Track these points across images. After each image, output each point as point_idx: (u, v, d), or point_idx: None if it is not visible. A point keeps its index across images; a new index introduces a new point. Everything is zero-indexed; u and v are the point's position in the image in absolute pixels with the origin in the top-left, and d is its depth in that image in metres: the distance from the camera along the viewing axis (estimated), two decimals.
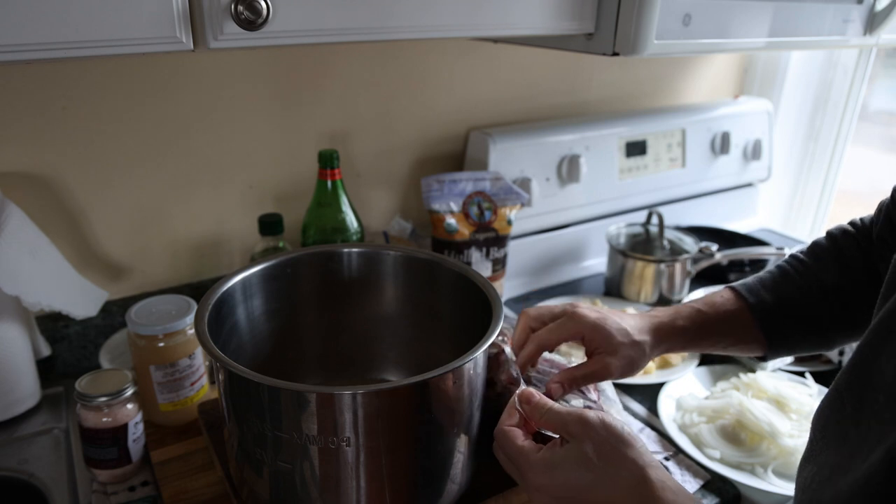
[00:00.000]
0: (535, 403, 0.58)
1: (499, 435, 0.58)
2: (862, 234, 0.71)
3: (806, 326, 0.70)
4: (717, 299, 0.71)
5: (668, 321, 0.69)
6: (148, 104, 0.89)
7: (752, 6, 0.82)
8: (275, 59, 0.96)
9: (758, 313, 0.69)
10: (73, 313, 0.82)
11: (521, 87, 1.20)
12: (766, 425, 0.79)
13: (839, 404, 0.48)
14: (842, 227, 0.73)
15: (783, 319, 0.69)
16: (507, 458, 0.58)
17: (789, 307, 0.69)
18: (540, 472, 0.53)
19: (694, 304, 0.71)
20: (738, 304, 0.70)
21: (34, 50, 0.49)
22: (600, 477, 0.51)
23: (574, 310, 0.67)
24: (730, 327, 0.69)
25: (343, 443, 0.53)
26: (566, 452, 0.52)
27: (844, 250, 0.70)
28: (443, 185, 1.02)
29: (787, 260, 0.73)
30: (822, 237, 0.74)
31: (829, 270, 0.70)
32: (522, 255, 1.20)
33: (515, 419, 0.59)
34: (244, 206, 1.01)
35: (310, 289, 0.75)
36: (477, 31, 0.69)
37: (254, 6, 0.53)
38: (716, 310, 0.69)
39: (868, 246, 0.69)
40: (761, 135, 1.45)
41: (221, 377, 0.58)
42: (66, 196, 0.88)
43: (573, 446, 0.52)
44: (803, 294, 0.69)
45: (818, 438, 0.50)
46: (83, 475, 0.74)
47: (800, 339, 0.70)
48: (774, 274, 0.72)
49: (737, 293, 0.71)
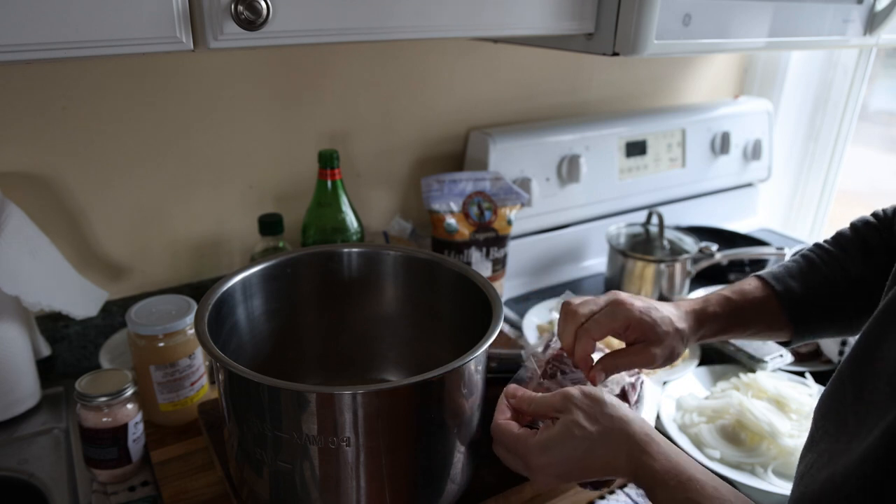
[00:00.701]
0: (521, 396, 0.62)
1: (495, 430, 0.61)
2: (884, 224, 0.72)
3: (832, 314, 0.70)
4: (745, 287, 0.71)
5: (701, 308, 0.69)
6: (148, 104, 0.89)
7: (752, 6, 0.82)
8: (275, 59, 0.96)
9: (785, 301, 0.69)
10: (73, 313, 0.82)
11: (521, 87, 1.20)
12: (766, 425, 0.79)
13: (840, 393, 0.48)
14: (864, 219, 0.74)
15: (810, 308, 0.70)
16: (506, 450, 0.60)
17: (815, 296, 0.70)
18: (539, 454, 0.57)
19: (723, 293, 0.71)
20: (765, 291, 0.70)
21: (34, 50, 0.49)
22: (593, 442, 0.55)
23: (618, 297, 0.67)
24: (758, 314, 0.70)
25: (343, 443, 0.53)
26: (559, 429, 0.57)
27: (868, 241, 0.71)
28: (443, 185, 1.02)
29: (811, 249, 0.74)
30: (847, 228, 0.75)
31: (854, 260, 0.70)
32: (522, 255, 1.20)
33: (507, 414, 0.62)
34: (244, 206, 1.01)
35: (310, 289, 0.75)
36: (477, 31, 0.69)
37: (254, 6, 0.53)
38: (744, 297, 0.70)
39: (890, 236, 0.70)
40: (761, 135, 1.45)
41: (221, 377, 0.58)
42: (66, 196, 0.88)
43: (562, 421, 0.57)
44: (829, 283, 0.70)
45: (818, 428, 0.50)
46: (83, 475, 0.74)
47: (826, 325, 0.71)
48: (801, 263, 0.73)
49: (764, 281, 0.71)
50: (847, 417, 0.46)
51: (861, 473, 0.40)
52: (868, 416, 0.43)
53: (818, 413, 0.51)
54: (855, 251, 0.71)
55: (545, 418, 0.59)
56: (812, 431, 0.51)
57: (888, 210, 0.73)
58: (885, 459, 0.39)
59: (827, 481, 0.43)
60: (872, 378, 0.45)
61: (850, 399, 0.46)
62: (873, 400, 0.44)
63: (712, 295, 0.71)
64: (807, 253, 0.74)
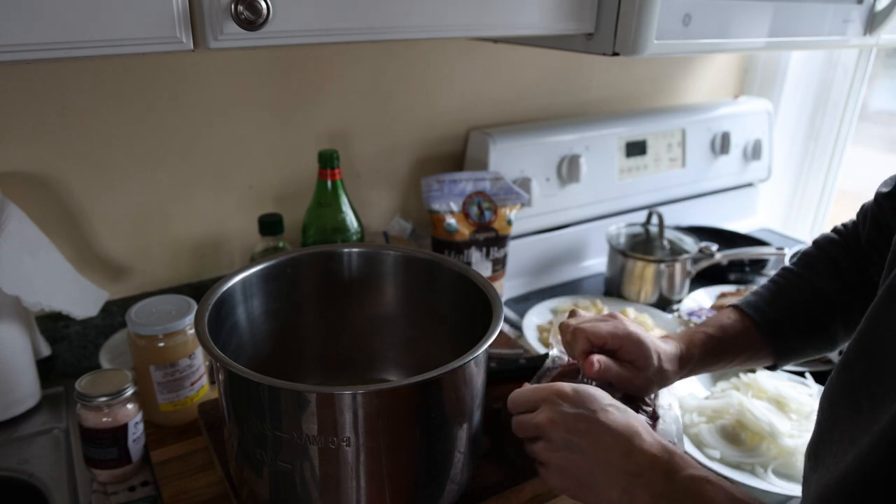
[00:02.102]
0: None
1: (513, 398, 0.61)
2: (847, 239, 0.73)
3: (810, 335, 0.71)
4: (724, 321, 0.72)
5: (686, 351, 0.70)
6: (148, 104, 0.89)
7: (752, 6, 0.82)
8: (275, 59, 0.96)
9: (764, 329, 0.70)
10: (73, 313, 0.82)
11: (521, 87, 1.20)
12: (766, 425, 0.79)
13: (849, 375, 0.48)
14: (826, 236, 0.75)
15: (789, 331, 0.71)
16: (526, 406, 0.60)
17: (793, 320, 0.71)
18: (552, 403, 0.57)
19: (705, 330, 0.72)
20: (744, 322, 0.71)
21: (34, 50, 0.49)
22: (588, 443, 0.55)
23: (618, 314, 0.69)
24: (740, 346, 0.71)
25: (343, 443, 0.53)
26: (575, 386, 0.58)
27: (836, 259, 0.72)
28: (443, 185, 1.02)
29: (781, 274, 0.75)
30: (810, 247, 0.76)
31: (824, 278, 0.72)
32: (522, 255, 1.20)
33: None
34: (244, 206, 1.01)
35: (310, 289, 0.75)
36: (477, 31, 0.69)
37: (254, 6, 0.53)
38: (725, 332, 0.71)
39: (856, 250, 0.71)
40: (761, 135, 1.45)
41: (221, 377, 0.58)
42: (66, 196, 0.88)
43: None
44: (803, 305, 0.71)
45: (827, 416, 0.50)
46: (83, 475, 0.74)
47: (806, 346, 0.72)
48: (772, 289, 0.74)
49: (741, 312, 0.72)
50: (860, 400, 0.46)
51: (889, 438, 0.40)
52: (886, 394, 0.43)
53: (826, 402, 0.51)
54: (824, 270, 0.72)
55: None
56: (820, 423, 0.51)
57: (848, 225, 0.74)
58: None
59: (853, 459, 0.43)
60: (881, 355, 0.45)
61: (861, 378, 0.47)
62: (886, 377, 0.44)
63: (695, 334, 0.71)
64: (777, 279, 0.75)
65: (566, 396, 0.57)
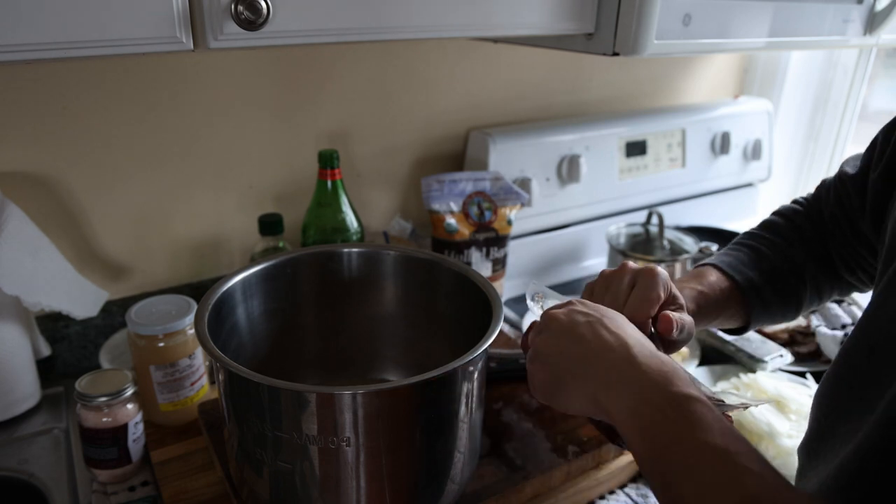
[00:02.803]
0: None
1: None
2: (810, 211, 0.73)
3: (783, 301, 0.71)
4: (710, 278, 0.70)
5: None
6: (148, 104, 0.89)
7: (752, 6, 0.82)
8: (275, 59, 0.96)
9: (748, 292, 0.69)
10: (73, 313, 0.82)
11: (520, 87, 1.20)
12: (765, 426, 0.79)
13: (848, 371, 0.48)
14: (790, 207, 0.75)
15: (768, 296, 0.70)
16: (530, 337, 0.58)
17: (771, 284, 0.70)
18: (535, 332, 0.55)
19: (692, 285, 0.69)
20: (727, 283, 0.70)
21: (34, 50, 0.49)
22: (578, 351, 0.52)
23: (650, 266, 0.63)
24: (721, 307, 0.69)
25: (343, 443, 0.53)
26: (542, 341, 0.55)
27: (800, 227, 0.72)
28: (443, 185, 1.02)
29: (752, 238, 0.74)
30: (773, 217, 0.76)
31: (795, 247, 0.71)
32: (522, 255, 1.20)
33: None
34: (244, 206, 1.01)
35: (310, 289, 0.75)
36: (477, 31, 0.69)
37: (254, 6, 0.53)
38: (712, 289, 0.69)
39: (819, 223, 0.71)
40: (761, 135, 1.45)
41: (221, 377, 0.58)
42: (66, 196, 0.88)
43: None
44: (778, 271, 0.70)
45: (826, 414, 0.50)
46: (83, 475, 0.75)
47: (777, 312, 0.71)
48: (748, 253, 0.72)
49: (724, 273, 0.70)
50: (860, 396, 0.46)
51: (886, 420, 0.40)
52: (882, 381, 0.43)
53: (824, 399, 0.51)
54: (793, 238, 0.72)
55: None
56: (815, 422, 0.51)
57: (808, 198, 0.74)
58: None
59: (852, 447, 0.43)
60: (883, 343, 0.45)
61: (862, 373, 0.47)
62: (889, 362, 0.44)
63: (685, 289, 0.68)
64: (749, 242, 0.73)
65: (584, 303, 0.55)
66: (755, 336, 0.98)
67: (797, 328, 1.02)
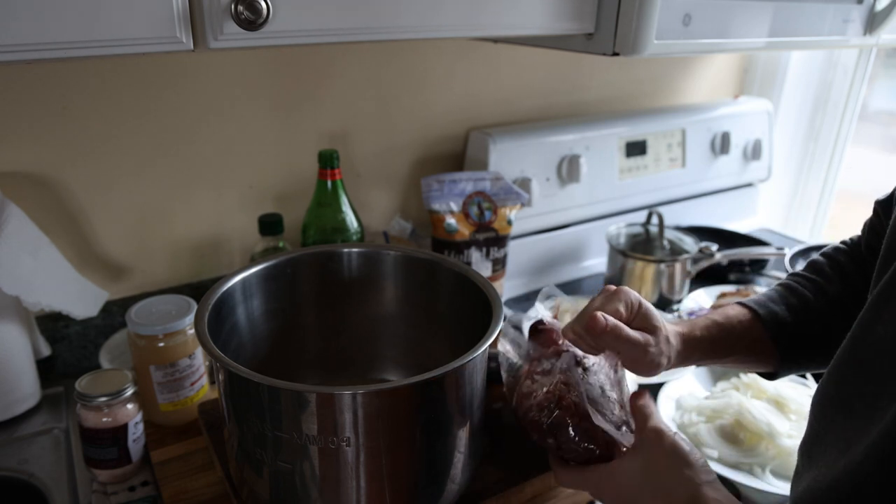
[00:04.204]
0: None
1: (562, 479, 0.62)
2: (853, 248, 0.73)
3: (814, 339, 0.70)
4: (729, 311, 0.71)
5: (688, 332, 0.68)
6: (148, 104, 0.89)
7: (752, 6, 0.82)
8: (275, 58, 0.96)
9: (769, 324, 0.69)
10: (73, 313, 0.82)
11: (520, 87, 1.20)
12: (765, 425, 0.79)
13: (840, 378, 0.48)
14: (834, 246, 0.75)
15: (792, 331, 0.69)
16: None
17: (798, 319, 0.70)
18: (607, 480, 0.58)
19: (709, 316, 0.71)
20: (749, 315, 0.70)
21: (34, 50, 0.49)
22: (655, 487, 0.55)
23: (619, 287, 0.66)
24: (741, 338, 0.69)
25: (343, 443, 0.53)
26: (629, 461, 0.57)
27: (841, 263, 0.72)
28: (443, 185, 1.02)
29: (790, 277, 0.75)
30: (818, 257, 0.75)
31: (832, 283, 0.71)
32: (522, 255, 1.20)
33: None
34: (244, 206, 1.01)
35: (310, 289, 0.75)
36: (477, 31, 0.69)
37: (254, 6, 0.53)
38: (730, 321, 0.70)
39: (860, 258, 0.71)
40: (761, 135, 1.45)
41: (221, 377, 0.58)
42: (66, 196, 0.88)
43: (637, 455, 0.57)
44: (809, 306, 0.70)
45: (819, 419, 0.50)
46: (83, 475, 0.75)
47: (808, 351, 0.70)
48: (780, 290, 0.73)
49: (747, 307, 0.71)
50: (853, 404, 0.46)
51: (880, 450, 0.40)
52: (876, 399, 0.44)
53: (818, 405, 0.51)
54: (831, 274, 0.72)
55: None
56: (812, 426, 0.51)
57: (854, 238, 0.74)
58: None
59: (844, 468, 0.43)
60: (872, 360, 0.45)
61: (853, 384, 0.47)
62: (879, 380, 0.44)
63: (699, 318, 0.71)
64: (786, 281, 0.74)
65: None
66: None
67: None
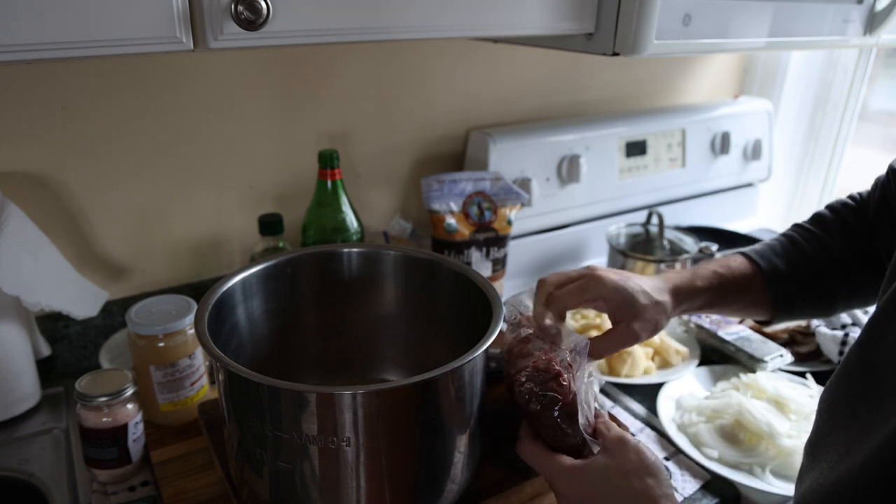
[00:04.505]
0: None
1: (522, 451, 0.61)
2: (860, 206, 0.72)
3: (812, 293, 0.71)
4: (732, 263, 0.71)
5: (687, 282, 0.69)
6: (148, 104, 0.89)
7: (752, 6, 0.82)
8: (275, 59, 0.96)
9: (770, 278, 0.69)
10: (73, 313, 0.82)
11: (521, 87, 1.20)
12: (765, 426, 0.79)
13: (847, 382, 0.48)
14: (841, 201, 0.75)
15: (792, 286, 0.70)
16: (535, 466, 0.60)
17: (798, 274, 0.70)
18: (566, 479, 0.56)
19: (711, 266, 0.71)
20: (751, 268, 0.70)
21: (34, 50, 0.49)
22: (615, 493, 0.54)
23: (594, 272, 0.67)
24: (743, 291, 0.70)
25: (343, 443, 0.53)
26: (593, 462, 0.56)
27: (848, 221, 0.72)
28: (443, 185, 1.02)
29: (793, 229, 0.75)
30: (825, 210, 0.75)
31: (835, 240, 0.71)
32: (522, 255, 1.20)
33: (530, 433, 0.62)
34: (244, 206, 1.01)
35: (310, 289, 0.75)
36: (477, 31, 0.69)
37: (254, 6, 0.53)
38: (732, 273, 0.70)
39: (867, 220, 0.71)
40: (761, 135, 1.45)
41: (221, 377, 0.58)
42: (66, 196, 0.88)
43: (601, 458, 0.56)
44: (811, 261, 0.70)
45: (825, 419, 0.50)
46: (83, 475, 0.75)
47: (805, 305, 0.71)
48: (783, 242, 0.73)
49: (749, 259, 0.71)
50: (857, 407, 0.46)
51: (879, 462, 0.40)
52: (880, 407, 0.43)
53: (824, 405, 0.51)
54: (836, 230, 0.71)
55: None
56: (818, 425, 0.51)
57: (863, 193, 0.73)
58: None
59: (846, 472, 0.43)
60: (881, 365, 0.45)
61: (859, 389, 0.47)
62: (885, 389, 0.44)
63: (701, 268, 0.70)
64: (789, 233, 0.74)
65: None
66: (755, 336, 0.98)
67: (797, 328, 1.02)
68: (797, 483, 0.53)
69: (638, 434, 0.84)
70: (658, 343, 0.97)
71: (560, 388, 0.59)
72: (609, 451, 0.56)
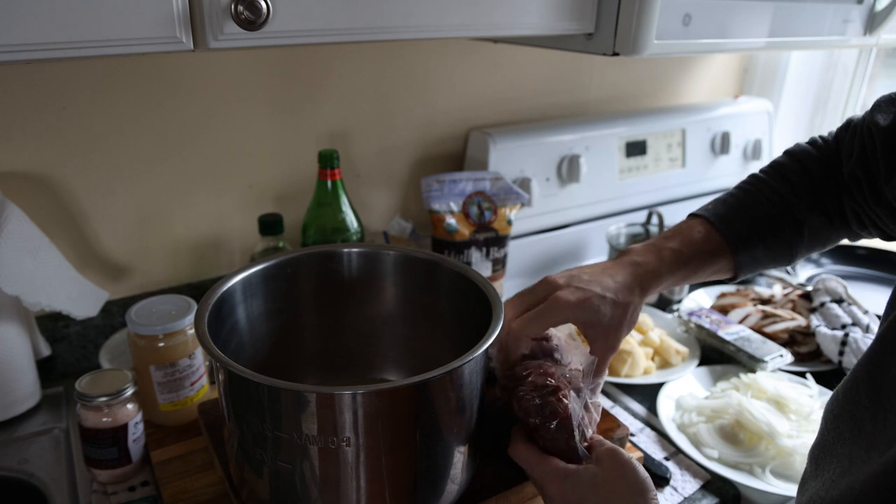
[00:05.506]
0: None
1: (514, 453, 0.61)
2: (826, 156, 0.70)
3: (775, 250, 0.70)
4: (694, 236, 0.69)
5: (654, 269, 0.68)
6: (148, 104, 0.89)
7: (752, 6, 0.82)
8: (275, 59, 0.96)
9: (734, 246, 0.69)
10: (73, 313, 0.82)
11: (521, 87, 1.20)
12: (765, 425, 0.79)
13: (855, 395, 0.48)
14: (801, 147, 0.73)
15: (756, 249, 0.69)
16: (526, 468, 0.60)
17: (761, 237, 0.69)
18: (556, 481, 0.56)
19: (672, 245, 0.69)
20: (715, 239, 0.69)
21: (34, 50, 0.49)
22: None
23: (554, 294, 0.65)
24: (707, 264, 0.69)
25: (343, 443, 0.53)
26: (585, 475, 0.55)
27: (809, 171, 0.70)
28: (443, 185, 1.02)
29: (750, 182, 0.73)
30: (782, 156, 0.74)
31: (795, 191, 0.70)
32: (522, 255, 1.20)
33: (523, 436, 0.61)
34: (244, 206, 1.01)
35: (310, 289, 0.75)
36: (477, 31, 0.69)
37: (254, 6, 0.53)
38: (695, 249, 0.69)
39: (835, 172, 0.69)
40: (761, 135, 1.45)
41: (221, 377, 0.58)
42: (67, 196, 0.88)
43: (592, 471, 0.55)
44: (773, 219, 0.69)
45: (830, 429, 0.50)
46: (83, 475, 0.75)
47: (767, 262, 0.71)
48: (740, 198, 0.71)
49: (711, 225, 0.70)
50: (863, 422, 0.46)
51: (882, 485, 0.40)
52: (886, 425, 0.43)
53: (830, 413, 0.50)
54: (797, 181, 0.70)
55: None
56: (823, 432, 0.50)
57: (828, 139, 0.71)
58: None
59: (847, 489, 0.43)
60: (889, 386, 0.45)
61: (866, 404, 0.46)
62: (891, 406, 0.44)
63: (664, 249, 0.68)
64: (746, 187, 0.72)
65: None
66: (755, 336, 0.98)
67: (797, 328, 1.02)
68: (800, 488, 0.53)
69: (638, 434, 0.84)
70: (658, 343, 0.98)
71: (559, 402, 0.59)
72: (601, 462, 0.56)
